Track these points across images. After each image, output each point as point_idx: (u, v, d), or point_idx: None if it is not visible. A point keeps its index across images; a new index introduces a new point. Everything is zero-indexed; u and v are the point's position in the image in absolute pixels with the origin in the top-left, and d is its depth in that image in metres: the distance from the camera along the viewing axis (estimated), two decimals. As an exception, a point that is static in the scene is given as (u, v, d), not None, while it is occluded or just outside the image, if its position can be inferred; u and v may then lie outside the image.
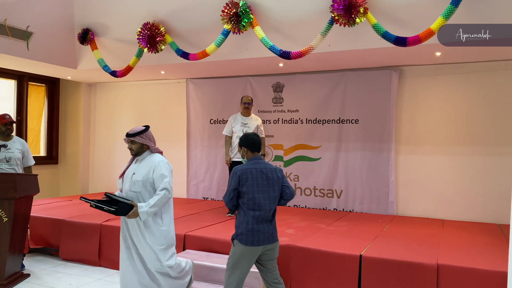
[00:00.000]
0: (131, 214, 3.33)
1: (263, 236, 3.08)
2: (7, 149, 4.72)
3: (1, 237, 4.19)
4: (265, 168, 3.16)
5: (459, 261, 3.60)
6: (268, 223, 3.12)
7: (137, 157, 3.61)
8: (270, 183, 3.12)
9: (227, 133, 5.83)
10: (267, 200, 3.09)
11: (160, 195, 3.38)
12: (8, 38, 5.56)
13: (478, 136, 5.64)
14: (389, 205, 6.04)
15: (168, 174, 3.46)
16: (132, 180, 3.51)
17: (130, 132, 3.51)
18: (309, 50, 4.77)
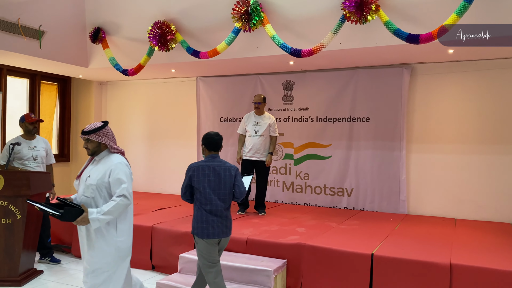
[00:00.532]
0: (80, 220, 2.89)
1: (217, 229, 3.26)
2: (33, 147, 4.82)
3: (15, 234, 4.24)
4: (218, 166, 3.31)
5: (472, 260, 3.56)
6: (220, 217, 3.28)
7: (95, 157, 3.16)
8: (222, 181, 3.28)
9: (241, 132, 5.83)
10: (218, 196, 3.26)
11: (115, 201, 2.93)
12: (21, 37, 5.62)
13: (491, 134, 5.57)
14: (400, 204, 6.00)
15: (127, 180, 3.00)
16: (86, 184, 3.06)
17: (85, 129, 3.07)
18: (320, 48, 4.75)
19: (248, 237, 4.35)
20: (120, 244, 3.06)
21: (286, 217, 5.51)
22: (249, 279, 3.87)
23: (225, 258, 4.12)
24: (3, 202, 4.22)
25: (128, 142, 8.20)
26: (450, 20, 4.06)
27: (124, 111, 8.28)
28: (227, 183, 3.29)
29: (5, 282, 4.20)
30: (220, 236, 3.28)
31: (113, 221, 3.05)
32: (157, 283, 3.93)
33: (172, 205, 6.26)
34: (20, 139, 4.86)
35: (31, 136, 4.93)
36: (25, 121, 4.87)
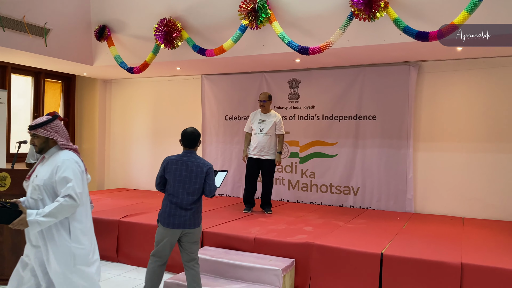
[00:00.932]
0: (17, 222, 2.57)
1: (179, 220, 3.40)
2: None
3: (22, 233, 4.21)
4: (191, 162, 3.46)
5: (483, 260, 3.53)
6: (185, 210, 3.41)
7: (44, 155, 2.84)
8: (193, 176, 3.42)
9: (247, 130, 5.80)
10: (185, 190, 3.41)
11: (58, 202, 2.58)
12: (26, 35, 5.60)
13: (499, 133, 5.53)
14: (407, 203, 5.97)
15: (74, 178, 2.65)
16: (33, 185, 2.75)
17: (32, 124, 2.77)
18: (328, 45, 4.71)
19: (256, 236, 4.33)
20: (76, 251, 2.68)
21: (293, 215, 5.49)
22: (257, 279, 3.84)
23: (233, 257, 4.10)
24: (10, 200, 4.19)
25: (132, 140, 8.19)
26: (460, 17, 4.01)
27: (129, 109, 8.26)
28: (197, 179, 3.42)
29: (12, 281, 4.18)
30: (180, 227, 3.40)
31: (65, 224, 2.68)
32: (164, 282, 3.91)
33: (178, 204, 6.23)
34: None
35: None
36: None
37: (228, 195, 7.22)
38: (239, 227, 4.71)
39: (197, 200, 3.47)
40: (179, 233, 3.42)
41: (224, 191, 7.25)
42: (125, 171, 8.24)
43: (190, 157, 3.48)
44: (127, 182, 8.19)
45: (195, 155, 3.52)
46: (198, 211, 3.50)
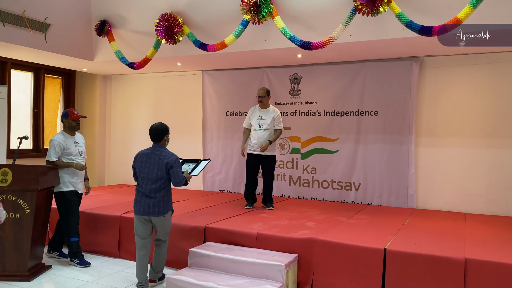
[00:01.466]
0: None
1: (142, 207, 3.87)
2: (77, 143, 4.79)
3: (24, 228, 4.21)
4: (154, 155, 3.92)
5: (487, 255, 3.53)
6: (148, 198, 3.86)
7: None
8: (154, 167, 3.87)
9: (246, 126, 5.78)
10: (148, 180, 3.88)
11: None
12: (27, 30, 5.56)
13: (501, 128, 5.52)
14: (408, 198, 5.97)
15: None
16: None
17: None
18: (331, 40, 4.69)
19: (258, 231, 4.32)
20: None
21: (295, 211, 5.48)
22: (260, 274, 3.84)
23: (236, 252, 4.10)
24: (12, 196, 4.18)
25: (133, 136, 8.16)
26: (464, 11, 3.99)
27: (129, 105, 8.23)
28: (158, 170, 3.85)
29: (14, 276, 4.18)
30: (144, 214, 3.86)
31: None
32: (167, 278, 3.90)
33: (179, 200, 6.23)
34: (66, 135, 4.78)
35: (73, 132, 4.89)
36: (68, 117, 4.78)
37: (229, 191, 7.21)
38: (241, 223, 4.70)
39: (160, 190, 3.87)
40: (146, 220, 3.89)
41: (225, 187, 7.24)
42: (125, 167, 8.21)
43: (154, 150, 3.95)
44: (127, 178, 8.18)
45: (160, 149, 3.95)
46: (163, 200, 3.89)
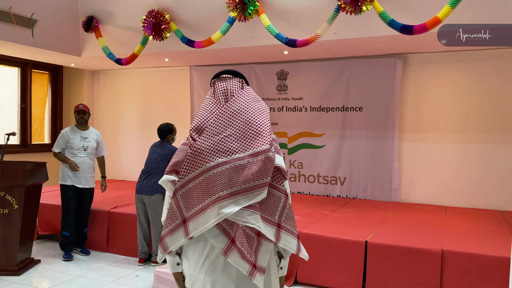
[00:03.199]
0: None
1: (138, 186, 4.73)
2: (85, 138, 4.85)
3: (13, 224, 4.26)
4: (156, 147, 4.95)
5: (463, 247, 3.68)
6: (143, 179, 4.73)
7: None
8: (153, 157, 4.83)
9: None
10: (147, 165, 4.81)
11: None
12: (13, 26, 5.55)
13: (482, 124, 5.68)
14: (392, 192, 6.11)
15: None
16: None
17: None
18: (315, 38, 4.78)
19: (244, 225, 4.41)
20: None
21: (281, 205, 5.58)
22: (246, 267, 3.94)
23: (222, 246, 4.19)
24: (0, 192, 4.22)
25: (121, 132, 8.19)
26: (443, 11, 4.11)
27: (117, 100, 8.25)
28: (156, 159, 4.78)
29: (3, 271, 4.23)
30: (138, 192, 4.69)
31: None
32: (155, 271, 3.99)
33: (167, 194, 6.30)
34: (74, 129, 5.01)
35: (83, 126, 5.01)
36: (74, 112, 5.11)
37: (217, 185, 7.28)
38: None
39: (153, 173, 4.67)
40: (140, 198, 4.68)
41: (213, 181, 7.31)
42: (113, 162, 8.25)
43: (157, 144, 4.98)
44: (115, 174, 8.21)
45: (162, 143, 4.94)
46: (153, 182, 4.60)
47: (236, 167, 1.75)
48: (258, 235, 1.82)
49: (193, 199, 1.80)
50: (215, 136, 1.80)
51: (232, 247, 1.75)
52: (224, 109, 1.87)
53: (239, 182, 1.73)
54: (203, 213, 1.76)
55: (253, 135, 1.80)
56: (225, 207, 1.70)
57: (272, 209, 1.84)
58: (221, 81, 2.00)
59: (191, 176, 1.81)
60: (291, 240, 1.91)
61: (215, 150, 1.78)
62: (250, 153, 1.77)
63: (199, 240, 1.83)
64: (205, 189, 1.78)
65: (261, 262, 1.81)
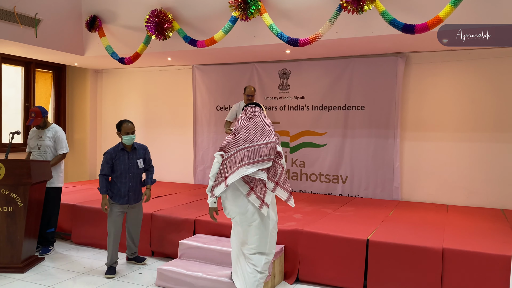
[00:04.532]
0: None
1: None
2: (40, 137, 4.88)
3: (17, 222, 4.30)
4: None
5: (463, 245, 3.70)
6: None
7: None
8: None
9: (230, 119, 5.87)
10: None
11: None
12: (17, 25, 5.59)
13: (483, 123, 5.69)
14: (393, 191, 6.13)
15: None
16: None
17: None
18: (317, 37, 4.80)
19: (247, 223, 4.45)
20: None
21: (283, 204, 5.57)
22: (248, 264, 3.97)
23: (225, 243, 4.23)
24: (5, 190, 4.27)
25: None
26: (445, 10, 4.13)
27: (120, 99, 8.29)
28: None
29: (7, 268, 4.27)
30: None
31: None
32: (158, 268, 4.02)
33: (170, 193, 6.34)
34: (34, 129, 5.04)
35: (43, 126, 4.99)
36: None
37: (219, 184, 7.32)
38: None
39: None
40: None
41: (216, 180, 7.35)
42: (117, 160, 8.29)
43: None
44: (119, 172, 8.25)
45: None
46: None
47: (255, 149, 3.26)
48: (265, 186, 3.26)
49: (231, 165, 3.26)
50: (245, 134, 3.36)
51: (251, 191, 3.26)
52: (250, 121, 3.45)
53: (257, 156, 3.23)
54: (236, 172, 3.21)
55: (265, 134, 3.35)
56: (248, 169, 3.20)
57: (273, 173, 3.29)
58: (249, 108, 3.54)
59: (232, 153, 3.30)
60: (283, 192, 3.31)
61: (245, 140, 3.32)
62: (263, 142, 3.29)
63: (234, 188, 3.30)
64: (238, 160, 3.24)
65: (266, 200, 3.26)
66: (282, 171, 3.29)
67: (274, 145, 3.26)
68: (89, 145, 8.34)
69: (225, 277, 3.77)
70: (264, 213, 3.25)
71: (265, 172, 3.21)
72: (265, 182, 3.23)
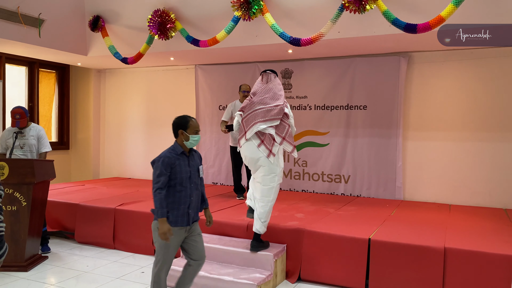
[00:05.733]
0: None
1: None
2: (22, 136, 4.82)
3: (21, 221, 4.33)
4: None
5: (465, 244, 3.70)
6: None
7: None
8: None
9: (226, 119, 5.82)
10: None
11: None
12: (21, 25, 5.63)
13: (486, 122, 5.68)
14: (396, 190, 6.13)
15: None
16: None
17: None
18: (319, 37, 4.80)
19: (249, 223, 4.46)
20: None
21: (285, 203, 5.63)
22: (250, 263, 3.99)
23: (227, 243, 4.25)
24: (9, 189, 4.30)
25: (127, 130, 8.27)
26: (447, 10, 4.13)
27: (123, 98, 8.32)
28: None
29: (11, 267, 4.30)
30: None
31: None
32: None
33: (173, 192, 6.36)
34: (10, 129, 4.80)
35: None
36: None
37: (222, 183, 7.35)
38: (233, 215, 4.84)
39: None
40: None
41: (219, 179, 7.37)
42: (119, 160, 8.33)
43: None
44: (121, 171, 8.29)
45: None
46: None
47: (267, 110, 3.91)
48: (274, 140, 3.90)
49: (248, 122, 3.95)
50: (260, 97, 3.99)
51: (261, 143, 3.90)
52: (265, 86, 4.04)
53: (268, 116, 3.90)
54: (251, 128, 3.92)
55: (276, 98, 3.97)
56: (260, 125, 3.89)
57: (281, 130, 3.94)
58: (266, 74, 4.09)
59: (248, 112, 3.98)
60: (288, 145, 3.97)
61: (259, 102, 3.97)
62: (274, 105, 3.92)
63: (250, 140, 3.96)
64: (253, 118, 3.93)
65: (274, 151, 3.90)
66: (288, 129, 3.96)
67: (282, 107, 3.90)
68: (93, 144, 8.38)
69: (226, 275, 3.79)
70: (270, 161, 3.88)
71: (274, 129, 3.88)
72: (274, 136, 3.88)
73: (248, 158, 4.00)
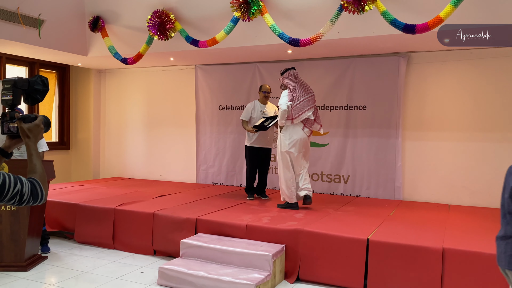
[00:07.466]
0: None
1: None
2: None
3: (21, 221, 4.35)
4: None
5: (464, 245, 3.70)
6: None
7: None
8: None
9: (245, 118, 5.87)
10: None
11: None
12: (20, 26, 5.64)
13: (485, 122, 5.69)
14: (395, 190, 6.14)
15: None
16: None
17: None
18: (318, 37, 4.81)
19: (248, 223, 4.47)
20: None
21: (284, 203, 5.63)
22: (249, 263, 4.00)
23: (226, 243, 4.25)
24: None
25: (127, 130, 8.28)
26: (446, 10, 4.13)
27: (123, 99, 8.33)
28: None
29: (11, 267, 4.32)
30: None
31: None
32: (160, 267, 4.05)
33: (172, 192, 6.38)
34: None
35: None
36: None
37: (222, 183, 7.36)
38: (232, 215, 4.85)
39: None
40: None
41: (218, 180, 7.38)
42: (120, 160, 8.35)
43: None
44: (122, 171, 8.31)
45: None
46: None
47: (309, 99, 5.12)
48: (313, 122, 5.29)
49: (297, 110, 5.03)
50: (300, 90, 5.12)
51: (305, 127, 5.15)
52: (298, 80, 5.17)
53: (310, 104, 5.11)
54: (302, 114, 5.03)
55: (309, 88, 5.20)
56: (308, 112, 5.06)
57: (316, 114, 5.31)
58: (294, 71, 5.20)
59: (298, 102, 5.04)
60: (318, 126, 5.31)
61: (301, 95, 5.08)
62: (311, 94, 5.17)
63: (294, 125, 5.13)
64: (302, 106, 5.04)
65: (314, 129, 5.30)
66: (318, 112, 5.26)
67: (314, 95, 5.18)
68: (93, 144, 8.39)
69: (225, 275, 3.80)
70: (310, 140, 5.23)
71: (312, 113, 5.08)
72: (312, 120, 5.07)
73: (294, 140, 5.02)
